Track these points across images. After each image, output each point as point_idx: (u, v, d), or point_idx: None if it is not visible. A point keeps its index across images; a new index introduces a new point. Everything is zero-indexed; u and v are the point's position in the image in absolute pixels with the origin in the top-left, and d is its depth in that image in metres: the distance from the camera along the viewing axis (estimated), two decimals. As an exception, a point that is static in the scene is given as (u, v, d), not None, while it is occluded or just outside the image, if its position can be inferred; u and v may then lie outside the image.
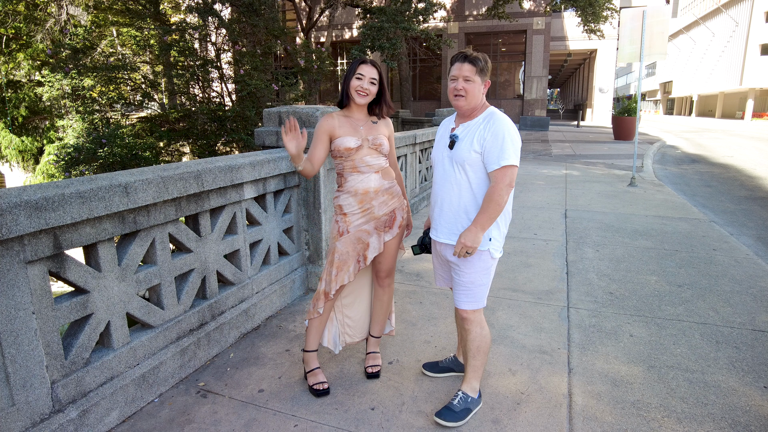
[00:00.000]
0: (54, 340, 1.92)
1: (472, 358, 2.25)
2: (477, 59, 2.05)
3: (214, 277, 2.82)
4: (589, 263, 4.32)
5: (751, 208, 7.06)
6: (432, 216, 2.28)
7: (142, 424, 2.19)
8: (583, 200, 7.09)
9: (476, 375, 2.28)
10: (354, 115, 2.39)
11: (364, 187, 2.36)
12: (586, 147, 14.94)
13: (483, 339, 2.23)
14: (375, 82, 2.32)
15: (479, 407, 2.29)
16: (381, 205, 2.41)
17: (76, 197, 1.90)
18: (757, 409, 2.27)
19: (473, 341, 2.22)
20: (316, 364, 2.51)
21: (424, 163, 7.10)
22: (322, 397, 2.40)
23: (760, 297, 3.57)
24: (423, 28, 14.10)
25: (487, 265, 2.14)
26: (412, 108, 18.45)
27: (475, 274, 2.13)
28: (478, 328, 2.22)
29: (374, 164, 2.38)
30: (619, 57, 8.43)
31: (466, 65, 2.04)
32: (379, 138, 2.39)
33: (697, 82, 44.69)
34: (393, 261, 2.54)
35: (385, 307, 2.62)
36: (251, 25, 10.28)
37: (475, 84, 2.05)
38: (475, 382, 2.28)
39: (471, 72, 2.04)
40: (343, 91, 2.39)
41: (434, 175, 2.25)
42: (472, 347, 2.23)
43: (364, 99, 2.32)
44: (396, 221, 2.48)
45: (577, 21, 19.61)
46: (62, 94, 10.34)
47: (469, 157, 2.04)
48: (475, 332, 2.21)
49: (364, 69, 2.30)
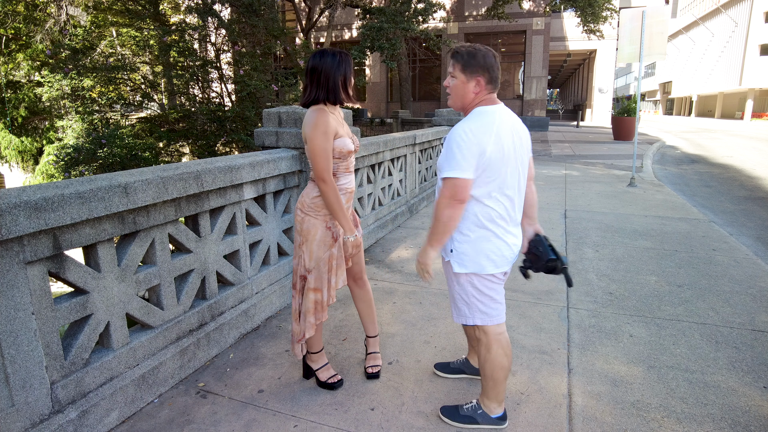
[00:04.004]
0: (53, 340, 1.92)
1: (482, 377, 2.12)
2: (458, 54, 1.91)
3: (213, 277, 2.82)
4: (589, 263, 4.32)
5: (750, 208, 7.07)
6: None
7: (141, 424, 2.19)
8: (583, 200, 7.09)
9: (487, 395, 2.12)
10: (332, 110, 2.28)
11: (351, 187, 2.37)
12: (586, 147, 14.94)
13: (489, 363, 2.04)
14: None
15: (493, 426, 2.13)
16: (351, 206, 2.43)
17: (76, 198, 1.90)
18: (756, 409, 2.27)
19: (481, 366, 2.09)
20: (324, 361, 2.53)
21: (424, 163, 7.10)
22: (339, 388, 2.45)
23: (759, 297, 3.57)
24: (422, 29, 14.11)
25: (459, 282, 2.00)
26: (411, 108, 18.45)
27: (452, 289, 2.08)
28: (483, 350, 2.05)
29: (354, 164, 2.43)
30: (619, 57, 8.44)
31: (451, 60, 1.97)
32: (356, 138, 2.41)
33: (697, 82, 44.72)
34: (363, 259, 2.58)
35: (369, 305, 2.61)
36: (251, 26, 10.28)
37: (457, 80, 1.92)
38: (487, 400, 2.13)
39: (453, 68, 1.93)
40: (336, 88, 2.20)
41: None
42: (481, 368, 2.10)
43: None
44: (358, 220, 2.53)
45: (576, 21, 19.61)
46: (62, 94, 10.34)
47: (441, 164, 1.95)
48: (482, 353, 2.07)
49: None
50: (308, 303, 2.35)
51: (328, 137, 2.16)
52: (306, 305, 2.34)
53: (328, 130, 2.15)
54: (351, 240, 2.27)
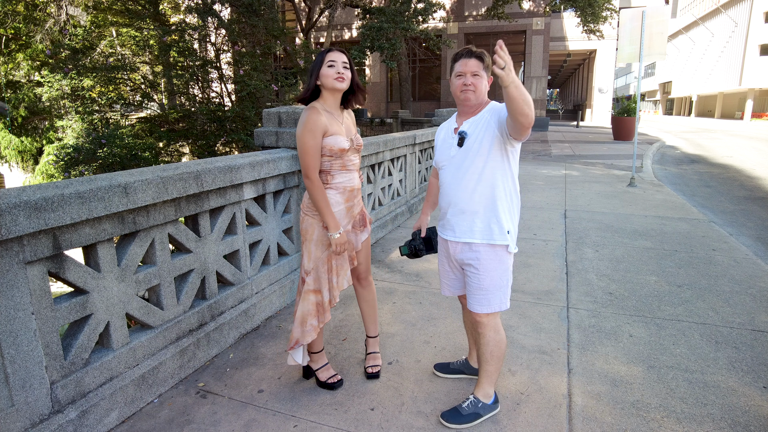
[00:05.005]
0: (53, 340, 1.92)
1: (485, 363, 2.19)
2: (484, 54, 2.05)
3: (213, 277, 2.82)
4: (589, 263, 4.32)
5: (750, 208, 7.07)
6: (444, 218, 2.21)
7: (141, 424, 2.19)
8: (583, 200, 7.09)
9: (489, 380, 2.21)
10: (331, 109, 2.29)
11: (350, 185, 2.35)
12: (586, 147, 14.94)
13: (497, 344, 2.15)
14: (347, 66, 2.25)
15: (494, 413, 2.23)
16: (357, 204, 2.42)
17: (76, 198, 1.90)
18: (756, 409, 2.27)
19: (486, 346, 2.15)
20: (324, 361, 2.53)
21: (424, 163, 7.11)
22: (338, 388, 2.44)
23: (759, 297, 3.57)
24: (422, 29, 14.12)
25: (506, 264, 2.08)
26: (411, 108, 18.45)
27: (494, 277, 2.06)
28: (493, 333, 2.13)
29: (356, 162, 2.40)
30: (619, 57, 8.44)
31: (473, 60, 2.03)
32: (358, 137, 2.40)
33: (697, 82, 44.73)
34: (369, 259, 2.56)
35: (372, 306, 2.61)
36: (251, 26, 10.27)
37: (483, 79, 2.05)
38: (488, 388, 2.22)
39: (478, 67, 2.03)
40: (311, 85, 2.25)
41: (442, 178, 2.18)
42: (485, 352, 2.16)
43: (344, 84, 2.23)
44: (367, 219, 2.51)
45: (576, 21, 19.62)
46: (61, 94, 10.33)
47: (481, 150, 2.01)
48: (489, 336, 2.14)
49: (334, 56, 2.22)
50: (308, 305, 2.34)
51: (315, 135, 2.19)
52: (306, 307, 2.33)
53: (314, 128, 2.18)
54: (335, 237, 2.24)
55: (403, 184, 6.17)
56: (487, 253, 2.06)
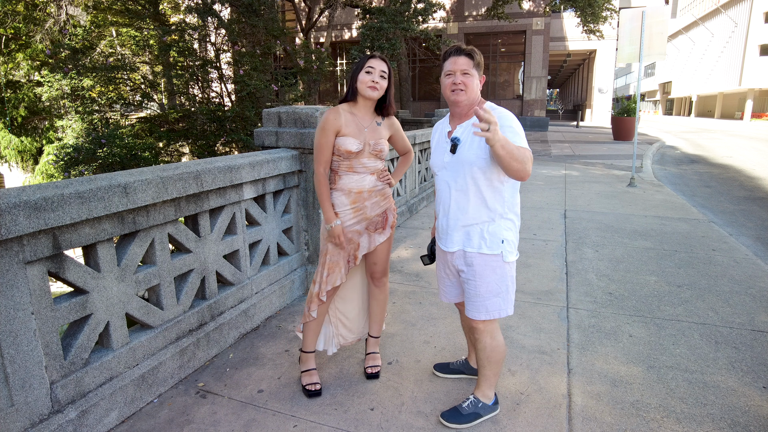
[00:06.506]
0: (53, 340, 1.92)
1: (482, 368, 2.18)
2: (473, 52, 1.99)
3: (213, 277, 2.82)
4: (589, 263, 4.33)
5: (750, 209, 7.07)
6: (439, 225, 2.16)
7: (141, 424, 2.19)
8: (583, 200, 7.09)
9: (488, 384, 2.20)
10: (359, 113, 2.34)
11: (358, 187, 2.35)
12: (586, 147, 14.95)
13: (494, 350, 2.13)
14: (385, 76, 2.28)
15: (494, 414, 2.23)
16: (374, 206, 2.40)
17: (76, 197, 1.90)
18: (756, 410, 2.28)
19: (483, 351, 2.13)
20: (312, 365, 2.51)
21: (424, 163, 7.10)
22: (314, 397, 2.39)
23: (759, 297, 3.57)
24: (422, 29, 14.10)
25: (502, 272, 2.02)
26: (411, 108, 18.45)
27: (489, 284, 2.02)
28: (489, 339, 2.11)
29: (371, 166, 2.37)
30: (619, 57, 8.44)
31: (462, 58, 1.97)
32: (380, 144, 2.36)
33: (697, 82, 44.74)
34: (387, 261, 2.55)
35: (382, 306, 2.62)
36: (251, 26, 10.27)
37: (474, 78, 1.98)
38: (488, 390, 2.21)
39: (468, 65, 1.96)
40: (350, 86, 2.33)
41: (437, 183, 2.13)
42: (482, 357, 2.16)
43: (375, 93, 2.27)
44: (388, 222, 2.49)
45: (576, 21, 19.61)
46: (61, 94, 10.33)
47: (476, 159, 1.92)
48: (485, 342, 2.11)
49: (374, 63, 2.26)
50: (311, 291, 2.44)
51: (326, 133, 2.29)
52: (311, 291, 2.45)
53: (327, 126, 2.29)
54: (328, 229, 2.34)
55: (403, 184, 6.17)
56: (480, 262, 2.02)
